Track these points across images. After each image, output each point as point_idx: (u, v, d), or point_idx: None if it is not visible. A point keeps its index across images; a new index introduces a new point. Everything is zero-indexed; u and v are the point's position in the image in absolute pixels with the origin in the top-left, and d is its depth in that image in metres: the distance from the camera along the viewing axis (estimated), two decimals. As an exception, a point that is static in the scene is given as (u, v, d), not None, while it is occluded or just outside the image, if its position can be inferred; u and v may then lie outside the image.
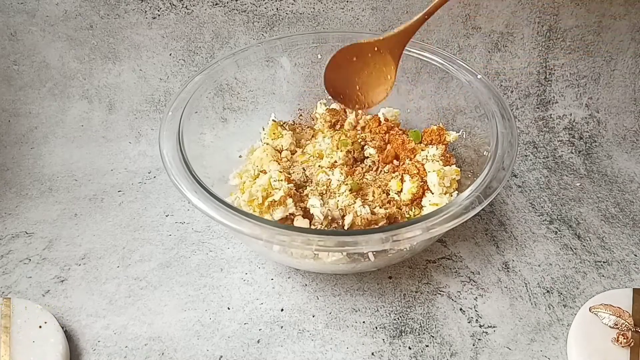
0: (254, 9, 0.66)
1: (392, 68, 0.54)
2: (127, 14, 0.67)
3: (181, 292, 0.55)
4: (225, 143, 0.61)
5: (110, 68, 0.70)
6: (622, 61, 0.70)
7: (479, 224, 0.61)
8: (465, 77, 0.57)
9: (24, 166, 0.69)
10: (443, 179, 0.55)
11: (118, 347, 0.50)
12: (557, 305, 0.54)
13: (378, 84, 0.55)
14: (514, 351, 0.50)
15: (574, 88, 0.71)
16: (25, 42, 0.68)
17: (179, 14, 0.67)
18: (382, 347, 0.50)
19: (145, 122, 0.71)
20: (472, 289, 0.55)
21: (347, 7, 0.66)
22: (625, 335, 0.47)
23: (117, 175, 0.68)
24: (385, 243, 0.43)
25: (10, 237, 0.60)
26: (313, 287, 0.55)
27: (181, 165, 0.49)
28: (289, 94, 0.66)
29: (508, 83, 0.71)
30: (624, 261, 0.58)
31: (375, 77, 0.55)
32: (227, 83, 0.61)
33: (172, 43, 0.68)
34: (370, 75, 0.55)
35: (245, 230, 0.44)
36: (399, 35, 0.52)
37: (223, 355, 0.50)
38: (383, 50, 0.53)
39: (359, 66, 0.55)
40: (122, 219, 0.62)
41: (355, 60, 0.55)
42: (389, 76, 0.55)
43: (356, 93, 0.56)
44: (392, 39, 0.53)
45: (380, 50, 0.54)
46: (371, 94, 0.56)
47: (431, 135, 0.60)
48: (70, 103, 0.71)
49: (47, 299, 0.54)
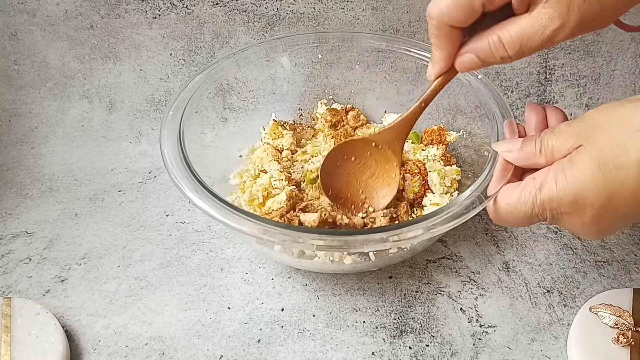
0: (254, 9, 0.66)
1: (395, 165, 0.50)
2: (127, 14, 0.67)
3: (182, 291, 0.55)
4: (225, 143, 0.61)
5: (110, 68, 0.70)
6: (622, 61, 0.70)
7: (479, 223, 0.62)
8: (466, 77, 0.57)
9: (24, 166, 0.69)
10: (444, 178, 0.55)
11: (118, 346, 0.50)
12: (557, 305, 0.54)
13: (383, 184, 0.50)
14: (514, 351, 0.50)
15: (574, 88, 0.71)
16: (26, 41, 0.68)
17: (180, 14, 0.67)
18: (383, 346, 0.50)
19: (145, 121, 0.71)
20: (472, 289, 0.55)
21: (348, 7, 0.66)
22: (626, 335, 0.47)
23: (117, 175, 0.68)
24: (386, 243, 0.43)
25: (10, 236, 0.60)
26: (313, 286, 0.55)
27: (182, 165, 0.49)
28: (289, 93, 0.66)
29: (508, 83, 0.71)
30: (624, 261, 0.58)
31: (380, 178, 0.50)
32: (227, 83, 0.61)
33: (172, 43, 0.68)
34: (373, 175, 0.50)
35: (246, 229, 0.44)
36: (397, 127, 0.49)
37: (223, 354, 0.50)
38: (382, 146, 0.49)
39: (358, 166, 0.50)
40: (123, 219, 0.62)
41: (354, 160, 0.50)
42: (394, 174, 0.50)
43: (359, 197, 0.51)
44: (389, 131, 0.49)
45: (379, 146, 0.50)
46: (376, 197, 0.51)
47: (432, 135, 0.60)
48: (71, 103, 0.71)
49: (47, 299, 0.54)
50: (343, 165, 0.50)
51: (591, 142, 0.38)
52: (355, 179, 0.51)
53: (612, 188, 0.37)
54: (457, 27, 0.40)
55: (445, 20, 0.39)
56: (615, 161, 0.36)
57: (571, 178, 0.38)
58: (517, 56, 0.40)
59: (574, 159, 0.39)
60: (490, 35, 0.40)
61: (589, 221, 0.39)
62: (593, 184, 0.37)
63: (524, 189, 0.41)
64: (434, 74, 0.45)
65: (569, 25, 0.37)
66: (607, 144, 0.37)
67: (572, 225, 0.41)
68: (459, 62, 0.42)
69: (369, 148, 0.50)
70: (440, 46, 0.42)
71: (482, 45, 0.40)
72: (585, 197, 0.38)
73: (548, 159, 0.41)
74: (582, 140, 0.38)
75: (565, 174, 0.39)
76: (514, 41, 0.39)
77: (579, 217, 0.39)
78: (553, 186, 0.39)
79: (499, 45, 0.39)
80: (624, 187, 0.37)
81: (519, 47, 0.39)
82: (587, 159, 0.38)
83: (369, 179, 0.51)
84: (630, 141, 0.36)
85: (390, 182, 0.50)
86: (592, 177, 0.37)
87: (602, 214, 0.38)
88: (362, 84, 0.65)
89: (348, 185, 0.51)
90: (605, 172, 0.37)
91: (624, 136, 0.36)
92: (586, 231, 0.41)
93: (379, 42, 0.62)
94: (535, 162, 0.42)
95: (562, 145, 0.40)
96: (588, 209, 0.38)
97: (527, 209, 0.41)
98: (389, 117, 0.63)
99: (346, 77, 0.66)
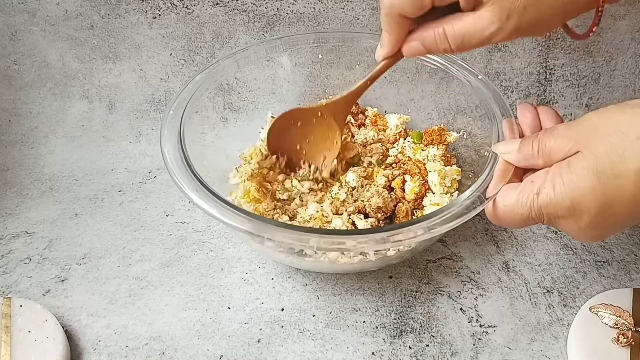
0: (254, 9, 0.66)
1: (337, 134, 0.54)
2: (127, 14, 0.67)
3: (182, 291, 0.55)
4: (225, 142, 0.61)
5: (110, 68, 0.70)
6: (622, 61, 0.70)
7: (479, 223, 0.62)
8: (466, 77, 0.57)
9: (25, 166, 0.69)
10: (444, 178, 0.55)
11: (118, 346, 0.50)
12: (557, 305, 0.54)
13: (324, 148, 0.55)
14: (514, 351, 0.50)
15: (574, 88, 0.71)
16: (26, 41, 0.68)
17: (180, 14, 0.67)
18: (383, 346, 0.50)
19: (145, 121, 0.71)
20: (472, 289, 0.55)
21: (348, 7, 0.66)
22: (626, 335, 0.48)
23: (117, 175, 0.68)
24: (386, 243, 0.43)
25: (10, 236, 0.60)
26: (313, 286, 0.55)
27: (182, 165, 0.49)
28: (289, 93, 0.66)
29: (508, 83, 0.71)
30: (624, 261, 0.58)
31: (321, 143, 0.55)
32: (227, 83, 0.61)
33: (172, 43, 0.68)
34: (316, 141, 0.55)
35: (247, 228, 0.44)
36: (342, 100, 0.52)
37: (224, 354, 0.50)
38: (327, 116, 0.54)
39: (303, 132, 0.55)
40: (123, 219, 0.62)
41: (300, 126, 0.54)
42: (335, 142, 0.55)
43: (301, 159, 0.56)
44: (336, 104, 0.53)
45: (324, 115, 0.54)
46: (319, 159, 0.56)
47: (432, 135, 0.60)
48: (71, 103, 0.71)
49: (47, 299, 0.54)
50: (290, 129, 0.55)
51: (590, 149, 0.38)
52: (299, 142, 0.55)
53: (610, 196, 0.37)
54: (406, 17, 0.42)
55: (395, 9, 0.42)
56: (614, 169, 0.37)
57: (569, 184, 0.38)
58: (458, 50, 0.42)
59: (572, 164, 0.39)
60: (437, 27, 0.42)
61: (585, 226, 0.40)
62: (591, 191, 0.38)
63: (522, 191, 0.41)
64: (381, 56, 0.47)
65: (506, 30, 0.40)
66: (605, 152, 0.37)
67: (569, 229, 0.41)
68: (405, 48, 0.45)
69: (315, 116, 0.54)
70: (390, 31, 0.44)
71: (428, 35, 0.42)
72: (583, 203, 0.38)
73: (546, 160, 0.41)
74: (580, 145, 0.39)
75: (563, 179, 0.39)
76: (456, 36, 0.41)
77: (576, 222, 0.40)
78: (551, 191, 0.39)
79: (443, 37, 0.42)
80: (622, 195, 0.37)
81: (461, 41, 0.41)
82: (585, 166, 0.38)
83: (311, 143, 0.56)
84: (630, 150, 0.36)
85: (332, 147, 0.55)
86: (590, 184, 0.38)
87: (599, 220, 0.39)
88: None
89: (292, 146, 0.56)
90: (603, 180, 0.37)
91: (624, 144, 0.36)
92: (583, 235, 0.41)
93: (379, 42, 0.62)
94: (534, 164, 0.43)
95: (560, 147, 0.40)
96: (585, 215, 0.39)
97: (524, 212, 0.41)
98: (389, 117, 0.63)
99: (346, 77, 0.66)
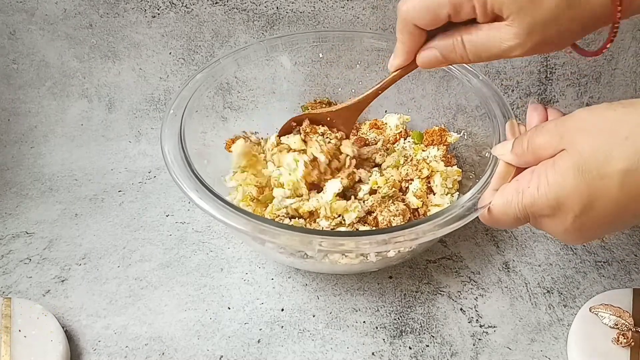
0: (254, 8, 0.66)
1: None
2: (126, 13, 0.67)
3: (181, 292, 0.55)
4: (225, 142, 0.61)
5: (110, 67, 0.70)
6: (623, 60, 0.70)
7: (479, 224, 0.61)
8: (466, 76, 0.57)
9: (24, 166, 0.69)
10: (446, 179, 0.55)
11: (118, 347, 0.50)
12: (557, 305, 0.54)
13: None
14: (514, 351, 0.50)
15: (575, 87, 0.71)
16: (25, 41, 0.68)
17: (179, 13, 0.67)
18: (383, 347, 0.50)
19: (145, 121, 0.71)
20: (472, 289, 0.55)
21: (348, 6, 0.66)
22: (626, 335, 0.48)
23: (117, 175, 0.68)
24: (388, 244, 0.43)
25: (10, 237, 0.60)
26: (313, 286, 0.55)
27: (183, 164, 0.48)
28: (289, 93, 0.66)
29: (509, 82, 0.70)
30: (624, 261, 0.58)
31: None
32: (227, 82, 0.61)
33: (171, 42, 0.68)
34: None
35: (247, 229, 0.44)
36: (351, 107, 0.53)
37: (224, 355, 0.50)
38: (336, 121, 0.54)
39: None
40: (123, 219, 0.62)
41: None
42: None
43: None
44: (345, 110, 0.53)
45: (333, 121, 0.54)
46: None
47: (432, 136, 0.59)
48: (70, 102, 0.71)
49: (47, 299, 0.54)
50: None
51: (576, 147, 0.37)
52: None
53: (594, 196, 0.37)
54: (421, 28, 0.42)
55: (410, 19, 0.42)
56: (600, 170, 0.36)
57: (553, 183, 0.38)
58: (475, 60, 0.42)
59: (557, 163, 0.38)
60: (455, 36, 0.42)
61: (570, 227, 0.39)
62: (575, 190, 0.37)
63: (509, 191, 0.41)
64: (395, 66, 0.46)
65: (526, 46, 0.40)
66: (591, 151, 0.36)
67: (554, 229, 0.41)
68: (421, 56, 0.44)
69: (324, 122, 0.55)
70: (404, 41, 0.44)
71: (446, 44, 0.42)
72: (567, 203, 0.38)
73: (535, 157, 0.41)
74: (566, 143, 0.38)
75: (548, 179, 0.38)
76: (475, 47, 0.41)
77: (561, 223, 0.39)
78: (534, 190, 0.39)
79: (461, 47, 0.42)
80: (607, 195, 0.36)
81: (479, 53, 0.41)
82: (569, 165, 0.37)
83: None
84: (617, 149, 0.36)
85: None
86: (574, 183, 0.37)
87: (583, 221, 0.38)
88: (363, 83, 0.65)
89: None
90: (588, 179, 0.37)
91: (611, 143, 0.36)
92: (568, 237, 0.41)
93: (379, 41, 0.62)
94: (527, 161, 0.42)
95: (547, 143, 0.39)
96: (569, 214, 0.38)
97: (511, 212, 0.41)
98: (389, 117, 0.63)
99: (346, 77, 0.66)
